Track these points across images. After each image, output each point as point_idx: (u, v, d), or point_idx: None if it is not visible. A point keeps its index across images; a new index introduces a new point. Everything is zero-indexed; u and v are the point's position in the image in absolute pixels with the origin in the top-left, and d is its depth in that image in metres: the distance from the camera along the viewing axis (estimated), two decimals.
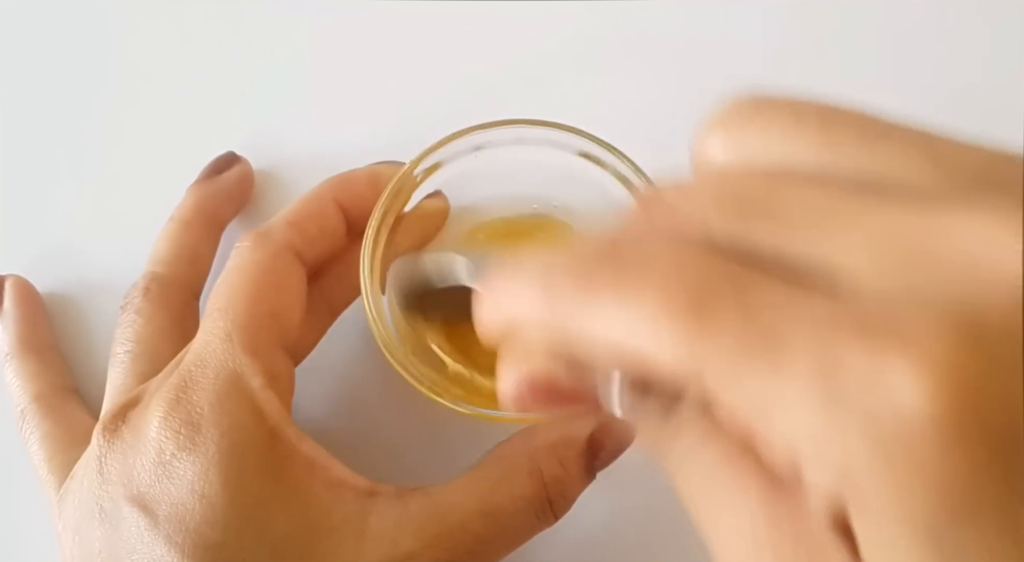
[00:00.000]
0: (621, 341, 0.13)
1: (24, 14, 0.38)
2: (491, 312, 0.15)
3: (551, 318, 0.14)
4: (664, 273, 0.12)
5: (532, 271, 0.14)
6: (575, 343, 0.14)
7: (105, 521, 0.24)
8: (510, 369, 0.15)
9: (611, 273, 0.13)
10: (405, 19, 0.37)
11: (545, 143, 0.28)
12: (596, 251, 0.13)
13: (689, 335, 0.12)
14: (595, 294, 0.13)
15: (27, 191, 0.35)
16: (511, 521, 0.25)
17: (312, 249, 0.27)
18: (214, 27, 0.37)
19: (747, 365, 0.12)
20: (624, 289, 0.13)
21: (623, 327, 0.13)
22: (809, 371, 0.11)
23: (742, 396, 0.12)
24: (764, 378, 0.12)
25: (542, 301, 0.14)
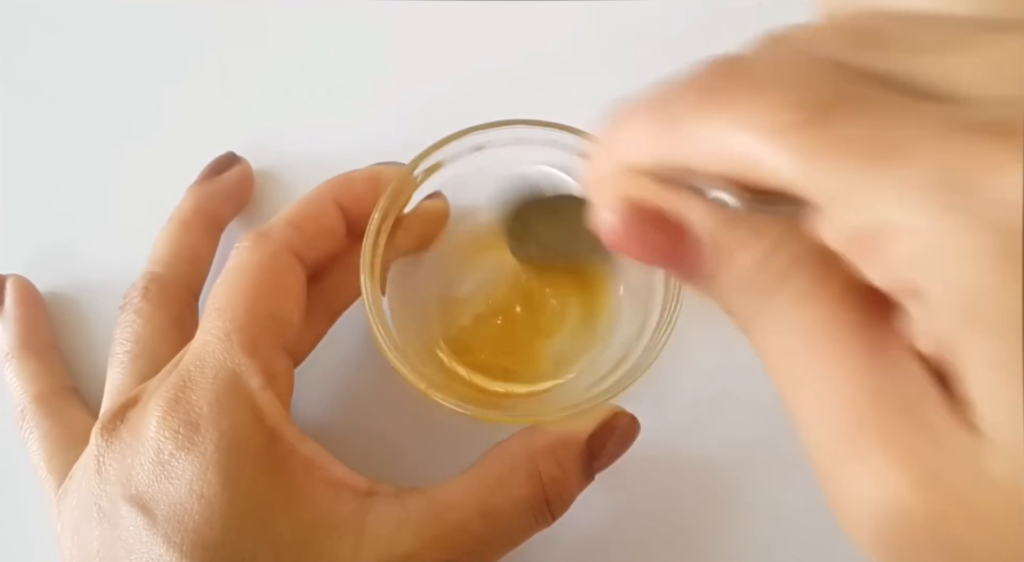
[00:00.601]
0: (739, 149, 0.12)
1: (24, 14, 0.38)
2: (605, 155, 0.15)
3: (668, 140, 0.13)
4: (787, 80, 0.12)
5: (649, 99, 0.14)
6: (689, 161, 0.13)
7: (104, 521, 0.24)
8: (607, 202, 0.15)
9: (733, 83, 0.12)
10: (405, 19, 0.37)
11: (545, 143, 0.28)
12: (718, 66, 0.13)
13: (812, 140, 0.11)
14: (715, 104, 0.12)
15: (27, 191, 0.35)
16: (509, 521, 0.25)
17: (312, 250, 0.27)
18: (214, 27, 0.37)
19: (870, 170, 0.11)
20: (746, 95, 0.12)
21: (743, 134, 0.12)
22: (932, 174, 0.11)
23: (862, 204, 0.11)
24: (886, 184, 0.11)
25: (660, 124, 0.13)
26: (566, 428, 0.25)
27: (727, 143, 0.12)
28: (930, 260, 0.11)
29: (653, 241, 0.15)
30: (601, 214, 0.15)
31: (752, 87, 0.12)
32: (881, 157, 0.11)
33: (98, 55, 0.37)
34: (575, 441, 0.25)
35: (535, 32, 0.37)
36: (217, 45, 0.37)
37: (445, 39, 0.37)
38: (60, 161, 0.35)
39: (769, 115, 0.12)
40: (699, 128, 0.13)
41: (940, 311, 0.11)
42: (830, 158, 0.11)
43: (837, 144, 0.11)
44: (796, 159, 0.12)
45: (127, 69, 0.37)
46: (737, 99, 0.12)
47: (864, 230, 0.12)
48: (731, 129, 0.12)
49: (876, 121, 0.11)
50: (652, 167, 0.14)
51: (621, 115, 0.14)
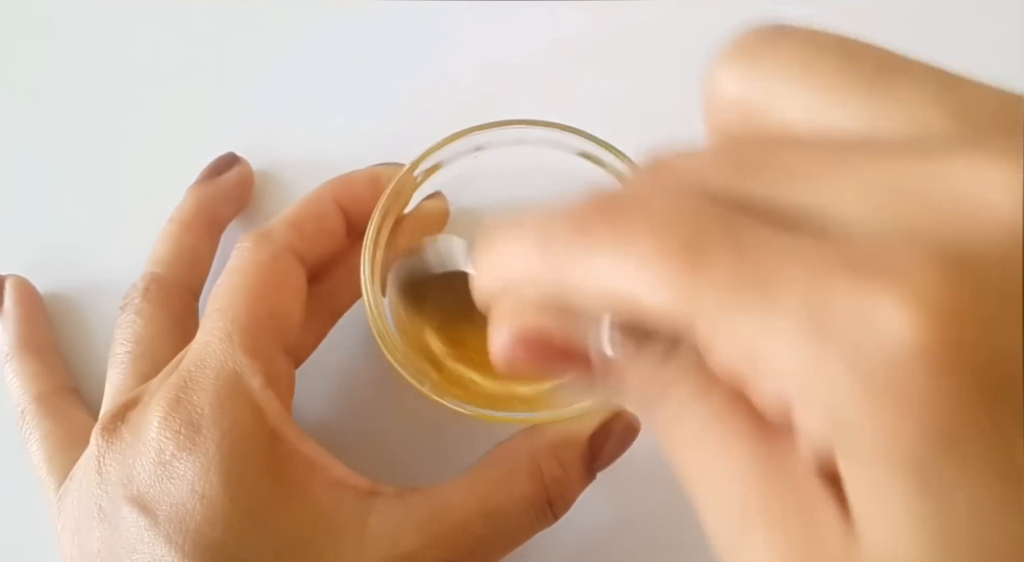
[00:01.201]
0: (616, 286, 0.13)
1: (24, 14, 0.38)
2: (488, 271, 0.15)
3: (546, 269, 0.14)
4: (659, 218, 0.12)
5: (528, 226, 0.14)
6: (570, 293, 0.14)
7: (104, 521, 0.24)
8: (502, 325, 0.15)
9: (608, 221, 0.13)
10: (405, 20, 0.37)
11: (545, 143, 0.28)
12: (593, 203, 0.13)
13: (682, 276, 0.12)
14: (591, 242, 0.13)
15: (27, 191, 0.35)
16: (511, 521, 0.25)
17: (312, 250, 0.27)
18: (214, 28, 0.37)
19: (738, 305, 0.12)
20: (619, 235, 0.13)
21: (618, 272, 0.13)
22: (797, 308, 0.11)
23: (734, 338, 0.12)
24: (755, 317, 0.12)
25: (538, 252, 0.14)
26: (567, 428, 0.26)
27: (602, 277, 0.13)
28: (800, 396, 0.12)
29: (546, 356, 0.15)
30: (494, 332, 0.16)
31: (631, 223, 0.13)
32: (748, 292, 0.12)
33: (98, 55, 0.37)
34: (576, 441, 0.25)
35: (535, 32, 0.37)
36: (217, 45, 0.37)
37: (445, 40, 0.37)
38: (60, 161, 0.35)
39: (643, 253, 0.12)
40: (574, 261, 0.13)
41: (813, 437, 0.12)
42: (702, 294, 0.12)
43: (707, 281, 0.12)
44: (669, 296, 0.12)
45: (127, 69, 0.36)
46: (618, 236, 0.13)
47: (739, 355, 0.12)
48: (605, 265, 0.13)
49: (744, 258, 0.12)
50: (532, 289, 0.15)
51: (506, 234, 0.15)
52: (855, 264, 0.11)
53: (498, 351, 0.15)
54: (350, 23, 0.37)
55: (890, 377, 0.11)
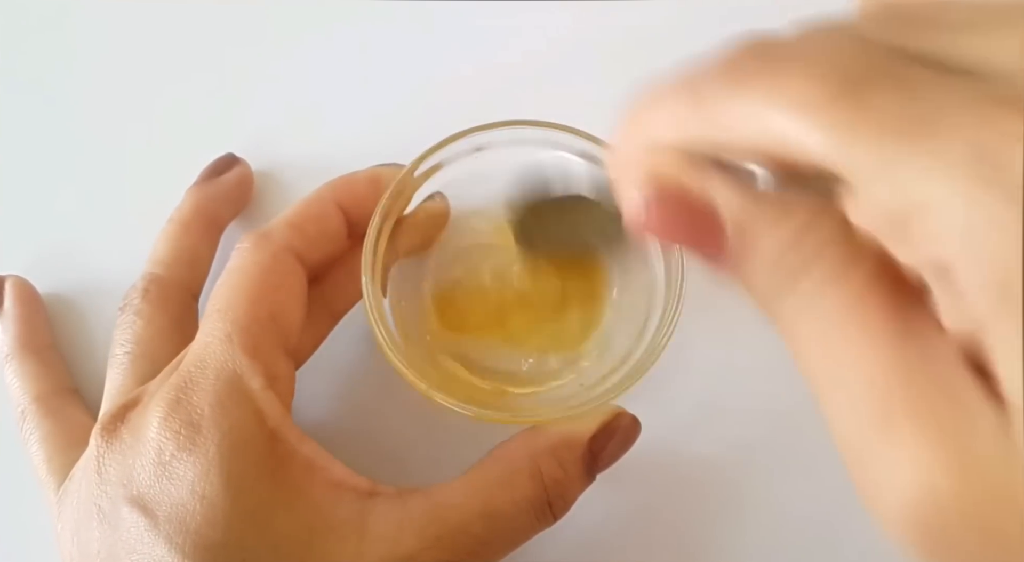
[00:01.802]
0: (772, 128, 0.12)
1: (24, 14, 0.38)
2: (633, 129, 0.15)
3: (698, 117, 0.13)
4: (819, 57, 0.12)
5: (677, 78, 0.14)
6: (722, 142, 0.13)
7: (104, 522, 0.24)
8: (639, 185, 0.15)
9: (762, 62, 0.12)
10: (405, 20, 0.37)
11: (545, 144, 0.28)
12: (745, 47, 0.13)
13: (843, 113, 0.11)
14: (745, 84, 0.12)
15: (27, 192, 0.35)
16: (511, 522, 0.25)
17: (313, 251, 0.27)
18: (214, 28, 0.37)
19: (901, 144, 0.11)
20: (776, 75, 0.12)
21: (775, 113, 0.12)
22: (964, 148, 0.11)
23: (894, 182, 0.11)
24: (918, 158, 0.11)
25: (689, 101, 0.13)
26: (568, 429, 0.25)
27: (757, 119, 0.12)
28: (959, 234, 0.11)
29: (679, 221, 0.15)
30: (627, 194, 0.15)
31: (783, 63, 0.12)
32: (912, 132, 0.11)
33: (98, 56, 0.37)
34: (577, 442, 0.25)
35: (535, 33, 0.37)
36: (217, 46, 0.37)
37: (445, 40, 0.37)
38: (60, 162, 0.35)
39: (800, 90, 0.12)
40: (728, 104, 0.13)
41: (968, 285, 0.11)
42: (862, 133, 0.11)
43: (868, 119, 0.11)
44: (827, 134, 0.12)
45: (127, 70, 0.36)
46: (768, 75, 0.12)
47: (894, 206, 0.12)
48: (761, 104, 0.12)
49: (908, 96, 0.11)
50: (679, 147, 0.14)
51: (647, 95, 0.14)
52: (1016, 98, 0.11)
53: (634, 212, 0.15)
54: (350, 24, 0.37)
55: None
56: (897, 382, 0.12)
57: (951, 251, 0.11)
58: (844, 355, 0.13)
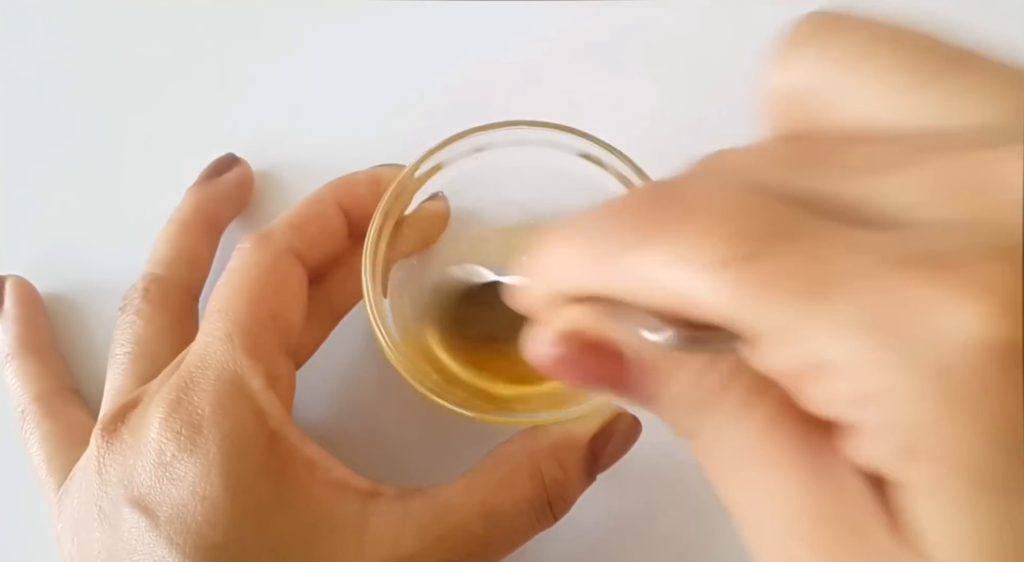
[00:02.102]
0: (666, 284, 0.12)
1: (24, 14, 0.38)
2: (537, 278, 0.15)
3: (595, 271, 0.13)
4: (715, 211, 0.12)
5: (574, 228, 0.14)
6: (621, 294, 0.13)
7: (104, 522, 0.24)
8: (545, 326, 0.15)
9: (656, 215, 0.12)
10: (406, 20, 0.37)
11: (546, 144, 0.28)
12: (640, 198, 0.13)
13: (747, 275, 0.11)
14: (638, 239, 0.12)
15: (27, 192, 0.35)
16: (511, 523, 0.25)
17: (313, 251, 0.27)
18: (214, 28, 0.37)
19: (796, 301, 0.11)
20: (669, 230, 0.12)
21: (668, 269, 0.12)
22: (860, 304, 0.11)
23: (790, 337, 0.11)
24: (814, 315, 0.11)
25: (585, 255, 0.13)
26: (568, 429, 0.26)
27: (661, 278, 0.12)
28: (865, 399, 0.11)
29: (591, 369, 0.15)
30: (537, 345, 0.15)
31: (686, 219, 0.12)
32: (816, 294, 0.11)
33: (98, 56, 0.37)
34: (577, 442, 0.25)
35: (536, 33, 0.37)
36: (217, 45, 0.37)
37: (446, 40, 0.37)
38: (60, 162, 0.35)
39: (703, 250, 0.12)
40: (631, 261, 0.13)
41: (877, 446, 0.12)
42: (765, 294, 0.11)
43: (769, 281, 0.11)
44: (731, 295, 0.12)
45: (127, 70, 0.36)
46: (670, 232, 0.12)
47: (798, 366, 0.12)
48: (664, 263, 0.12)
49: (811, 255, 0.11)
50: (582, 295, 0.14)
51: (552, 241, 0.14)
52: (919, 257, 0.11)
53: (539, 351, 0.15)
54: (351, 24, 0.37)
55: (957, 375, 0.10)
56: (810, 520, 0.13)
57: (857, 413, 0.12)
58: (756, 487, 0.13)
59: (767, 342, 0.12)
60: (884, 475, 0.12)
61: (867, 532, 0.12)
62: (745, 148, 0.14)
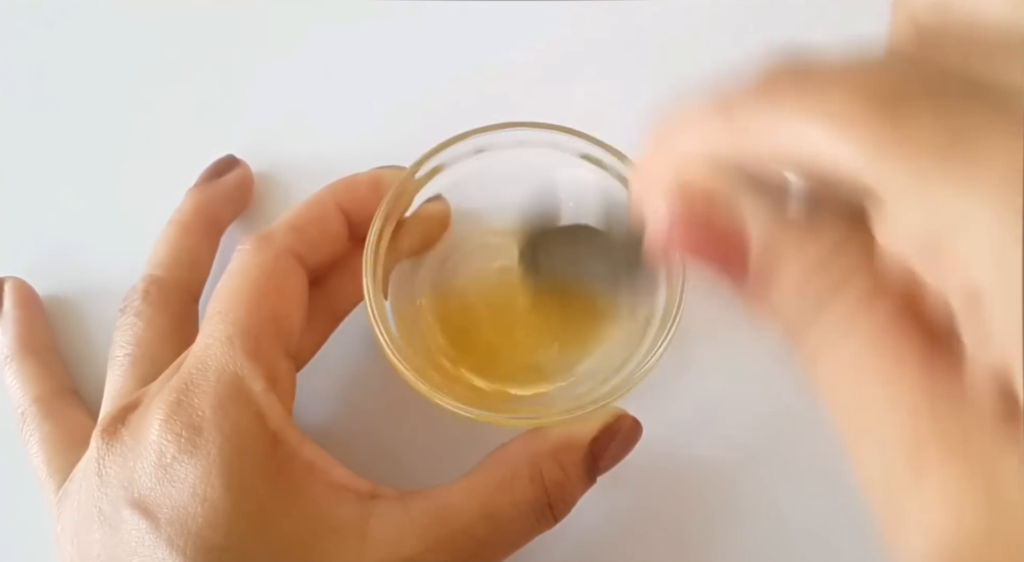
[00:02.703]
0: (805, 140, 0.12)
1: (24, 15, 0.38)
2: (660, 147, 0.14)
3: (729, 134, 0.13)
4: (857, 74, 0.12)
5: (708, 95, 0.13)
6: (753, 161, 0.13)
7: (104, 524, 0.24)
8: (664, 204, 0.14)
9: (799, 77, 0.12)
10: (405, 21, 0.37)
11: (547, 145, 0.28)
12: (781, 62, 0.13)
13: (880, 130, 0.11)
14: (779, 101, 0.12)
15: (27, 193, 0.35)
16: (512, 524, 0.25)
17: (314, 253, 0.27)
18: (214, 29, 0.37)
19: (939, 166, 0.11)
20: (811, 91, 0.12)
21: (809, 124, 0.12)
22: (1002, 171, 0.10)
23: (925, 207, 0.11)
24: (955, 182, 0.11)
25: (720, 118, 0.13)
26: (569, 431, 0.25)
27: (791, 131, 0.12)
28: (990, 260, 0.11)
29: (704, 238, 0.14)
30: (652, 208, 0.15)
31: (820, 79, 0.12)
32: (949, 152, 0.11)
33: (98, 57, 0.37)
34: (578, 444, 0.25)
35: (535, 34, 0.37)
36: (217, 47, 0.37)
37: (446, 41, 0.37)
38: (59, 163, 0.35)
39: (837, 104, 0.11)
40: (763, 116, 0.12)
41: (996, 315, 0.11)
42: (897, 150, 0.11)
43: (905, 137, 0.11)
44: (862, 149, 0.11)
45: (127, 71, 0.36)
46: (804, 89, 0.12)
47: (926, 226, 0.11)
48: (796, 117, 0.12)
49: (946, 115, 0.11)
50: (710, 161, 0.14)
51: (677, 110, 0.14)
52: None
53: (659, 227, 0.14)
54: (351, 25, 0.37)
55: None
56: (926, 427, 0.12)
57: (981, 277, 0.11)
58: (871, 392, 0.13)
59: (899, 201, 0.11)
60: (999, 366, 0.11)
61: (983, 437, 0.12)
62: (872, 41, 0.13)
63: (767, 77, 0.13)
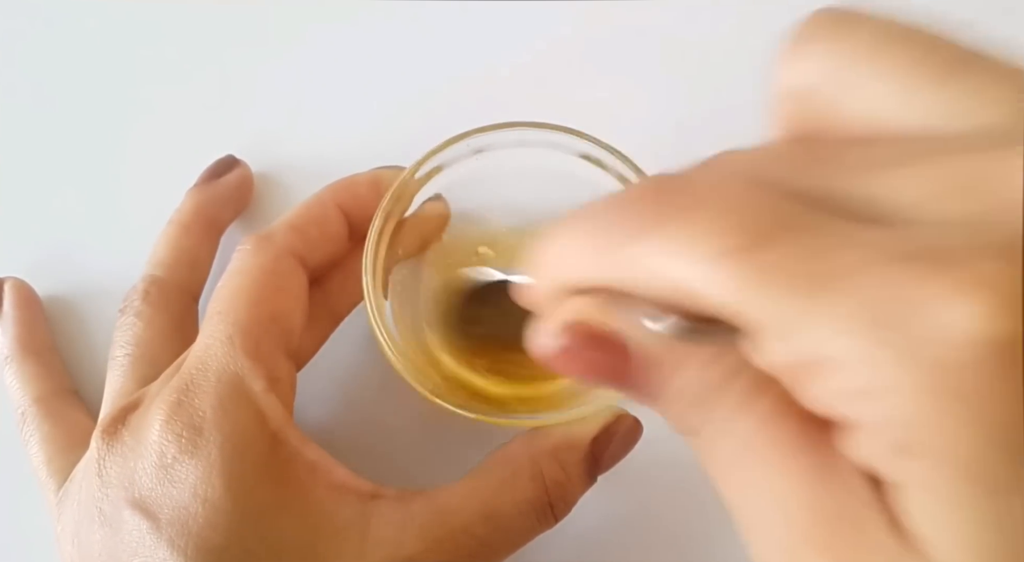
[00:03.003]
0: (677, 277, 0.12)
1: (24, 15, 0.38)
2: (542, 272, 0.15)
3: (600, 264, 0.13)
4: (718, 203, 0.12)
5: (579, 221, 0.14)
6: (626, 286, 0.13)
7: (105, 524, 0.24)
8: (551, 318, 0.15)
9: (671, 206, 0.12)
10: (405, 21, 0.37)
11: (546, 145, 0.28)
12: (647, 187, 0.13)
13: (748, 267, 0.11)
14: (652, 228, 0.12)
15: (27, 194, 0.35)
16: (512, 524, 0.25)
17: (314, 253, 0.27)
18: (214, 30, 0.37)
19: (804, 301, 0.11)
20: (683, 220, 0.12)
21: (680, 262, 0.12)
22: (860, 299, 0.11)
23: (790, 331, 0.12)
24: (820, 316, 0.11)
25: (591, 248, 0.13)
26: (569, 431, 0.25)
27: (663, 269, 0.12)
28: (862, 395, 0.11)
29: (594, 362, 0.15)
30: (540, 337, 0.15)
31: (689, 211, 0.12)
32: (816, 288, 0.11)
33: (98, 57, 0.37)
34: (578, 444, 0.25)
35: (535, 34, 0.37)
36: (217, 47, 0.37)
37: (445, 41, 0.37)
38: (59, 163, 0.35)
39: (705, 241, 0.12)
40: (635, 252, 0.13)
41: (875, 443, 0.12)
42: (766, 287, 0.11)
43: (773, 273, 0.11)
44: (732, 287, 0.12)
45: (127, 71, 0.36)
46: (673, 223, 0.12)
47: (797, 361, 0.12)
48: (667, 255, 0.12)
49: (813, 249, 0.11)
50: (587, 287, 0.14)
51: (557, 234, 0.14)
52: (919, 253, 0.11)
53: (543, 342, 0.15)
54: (351, 25, 0.37)
55: (955, 371, 0.10)
56: (809, 518, 0.13)
57: (854, 410, 0.12)
58: (757, 484, 0.13)
59: (766, 336, 0.12)
60: (881, 474, 0.12)
61: (867, 530, 0.12)
62: (751, 148, 0.14)
63: (641, 203, 0.13)
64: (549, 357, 0.15)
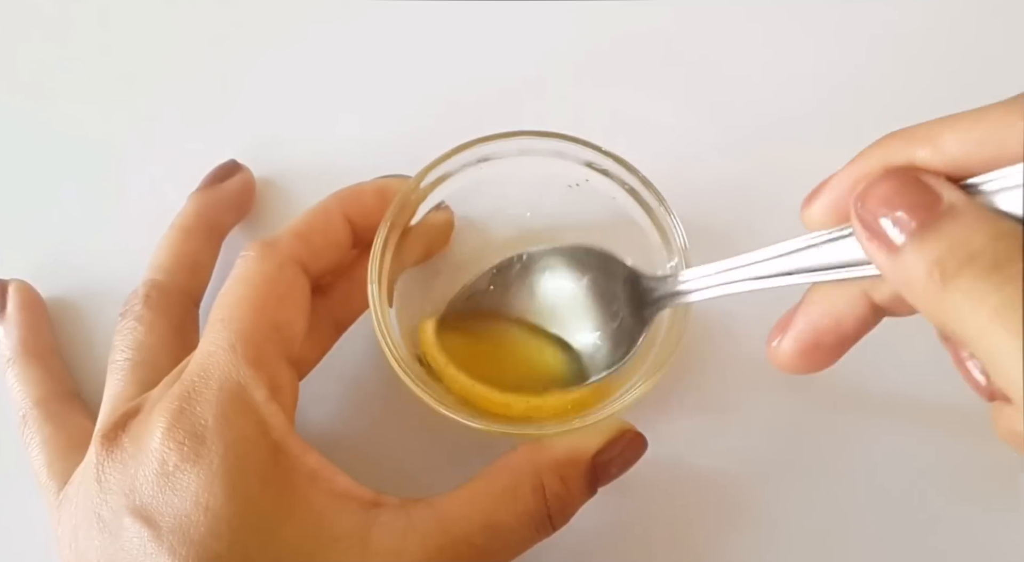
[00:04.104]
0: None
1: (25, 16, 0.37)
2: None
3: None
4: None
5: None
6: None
7: (104, 530, 0.24)
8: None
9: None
10: (410, 27, 0.37)
11: (551, 154, 0.28)
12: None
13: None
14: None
15: (30, 196, 0.35)
16: (512, 534, 0.25)
17: (317, 261, 0.27)
18: (217, 34, 0.37)
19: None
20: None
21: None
22: None
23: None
24: None
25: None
26: (572, 443, 0.25)
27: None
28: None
29: (910, 195, 0.18)
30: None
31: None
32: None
33: (100, 60, 0.37)
34: (581, 458, 0.25)
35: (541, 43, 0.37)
36: (220, 51, 0.37)
37: (450, 49, 0.37)
38: (62, 167, 0.35)
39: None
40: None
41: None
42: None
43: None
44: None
45: (129, 75, 0.36)
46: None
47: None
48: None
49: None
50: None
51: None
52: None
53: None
54: (356, 32, 0.37)
55: None
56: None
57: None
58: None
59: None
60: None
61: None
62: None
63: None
64: (874, 182, 0.19)
